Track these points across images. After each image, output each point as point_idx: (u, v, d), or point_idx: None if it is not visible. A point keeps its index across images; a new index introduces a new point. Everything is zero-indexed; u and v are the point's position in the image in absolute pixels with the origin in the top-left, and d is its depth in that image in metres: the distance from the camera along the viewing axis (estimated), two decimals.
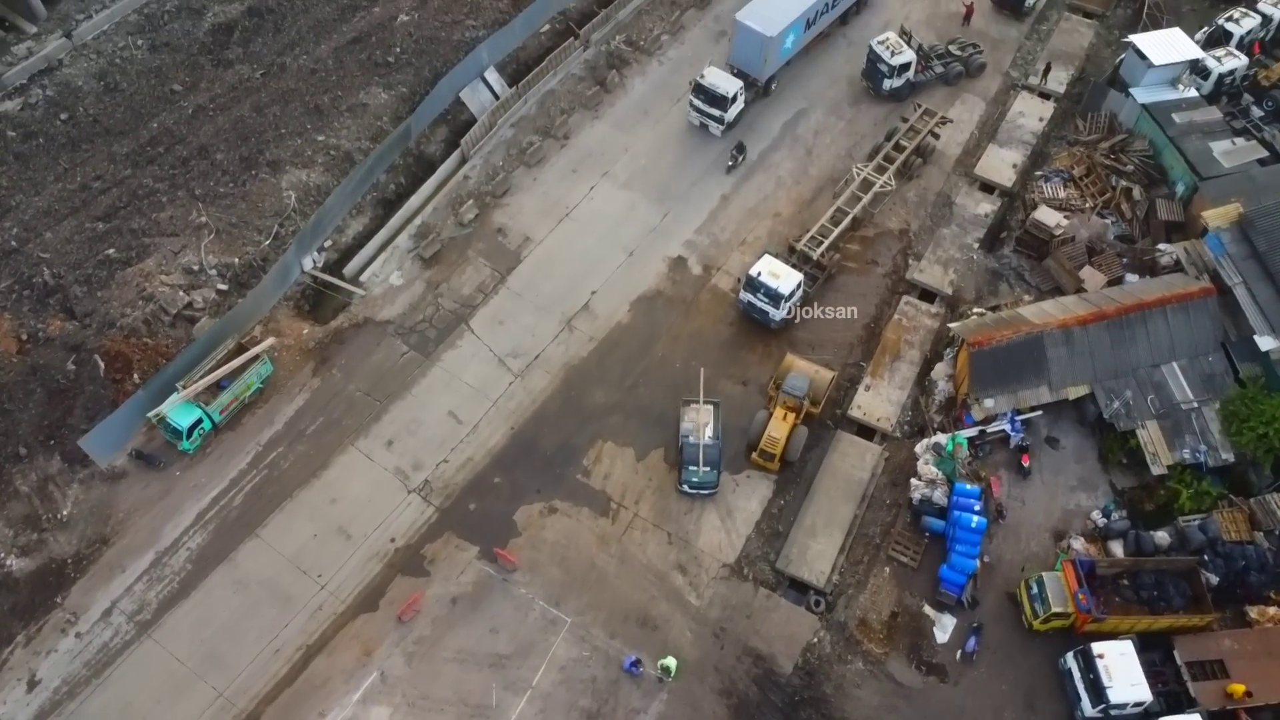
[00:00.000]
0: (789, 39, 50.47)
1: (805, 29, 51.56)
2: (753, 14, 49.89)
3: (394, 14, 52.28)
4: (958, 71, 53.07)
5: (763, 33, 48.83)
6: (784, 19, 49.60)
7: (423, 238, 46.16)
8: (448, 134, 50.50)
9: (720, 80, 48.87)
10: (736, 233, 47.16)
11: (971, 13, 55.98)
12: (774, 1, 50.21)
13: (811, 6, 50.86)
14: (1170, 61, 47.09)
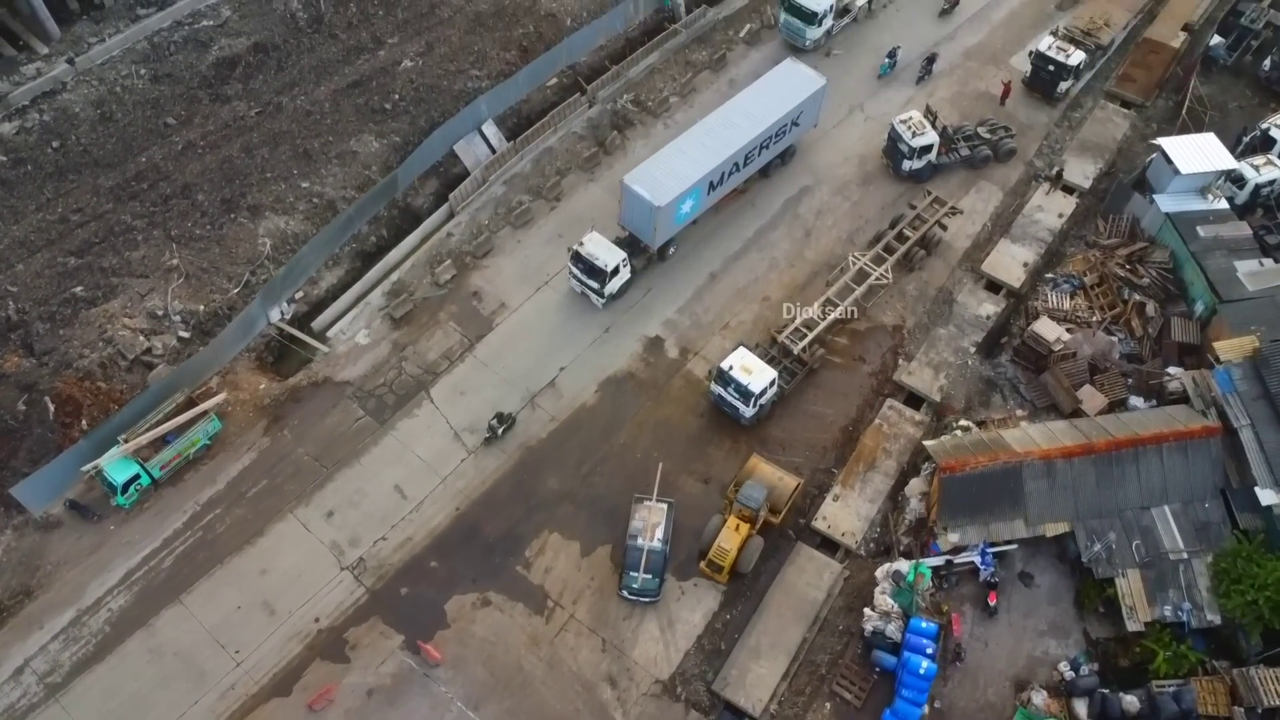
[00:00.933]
0: (686, 204, 43.85)
1: (709, 192, 45.07)
2: (643, 177, 43.17)
3: (398, 59, 51.25)
4: (985, 156, 50.27)
5: (651, 201, 42.25)
6: (678, 185, 42.96)
7: (396, 296, 44.89)
8: (438, 187, 49.27)
9: (600, 250, 42.81)
10: (720, 315, 45.05)
11: (1009, 93, 53.11)
12: (669, 163, 43.66)
13: (715, 169, 44.11)
14: (1199, 171, 43.83)
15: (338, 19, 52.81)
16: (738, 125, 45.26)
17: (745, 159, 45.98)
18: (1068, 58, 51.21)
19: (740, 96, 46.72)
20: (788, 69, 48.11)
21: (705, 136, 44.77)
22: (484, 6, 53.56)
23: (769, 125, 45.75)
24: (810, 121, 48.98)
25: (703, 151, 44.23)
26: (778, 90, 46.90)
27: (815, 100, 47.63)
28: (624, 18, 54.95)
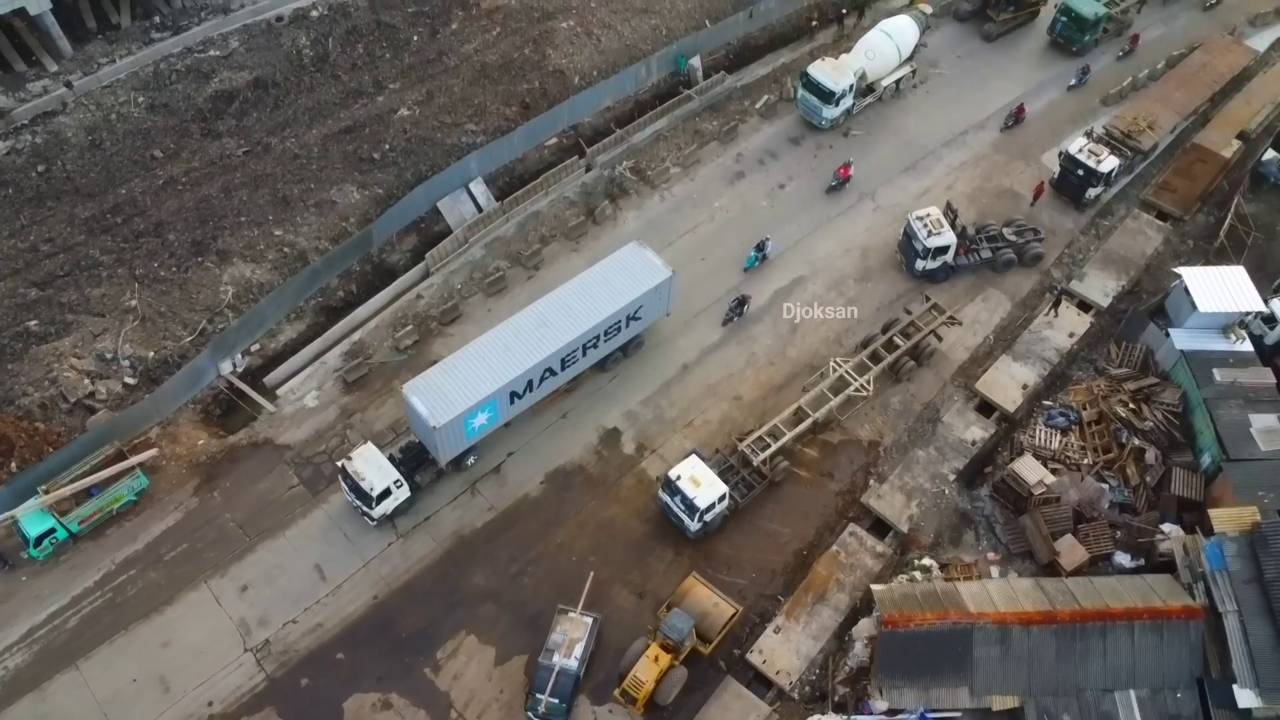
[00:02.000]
0: (479, 418, 37.70)
1: (512, 402, 38.67)
2: (425, 388, 36.82)
3: (395, 106, 49.87)
4: (1008, 260, 46.75)
5: (427, 420, 36.08)
6: (465, 400, 36.64)
7: (354, 358, 43.30)
8: (417, 244, 47.68)
9: (369, 469, 36.82)
10: (686, 411, 42.49)
11: (1041, 194, 49.53)
12: (460, 373, 37.31)
13: (519, 378, 37.82)
14: (1219, 310, 39.94)
15: (343, 59, 51.71)
16: (555, 326, 38.72)
17: (563, 363, 39.50)
18: (1099, 163, 47.53)
19: (567, 287, 40.28)
20: (630, 256, 41.12)
21: (512, 339, 38.24)
22: (492, 58, 51.93)
23: (595, 324, 39.16)
24: (658, 313, 42.16)
25: (505, 359, 37.74)
26: (612, 282, 40.18)
27: (661, 292, 40.99)
28: (635, 80, 52.84)
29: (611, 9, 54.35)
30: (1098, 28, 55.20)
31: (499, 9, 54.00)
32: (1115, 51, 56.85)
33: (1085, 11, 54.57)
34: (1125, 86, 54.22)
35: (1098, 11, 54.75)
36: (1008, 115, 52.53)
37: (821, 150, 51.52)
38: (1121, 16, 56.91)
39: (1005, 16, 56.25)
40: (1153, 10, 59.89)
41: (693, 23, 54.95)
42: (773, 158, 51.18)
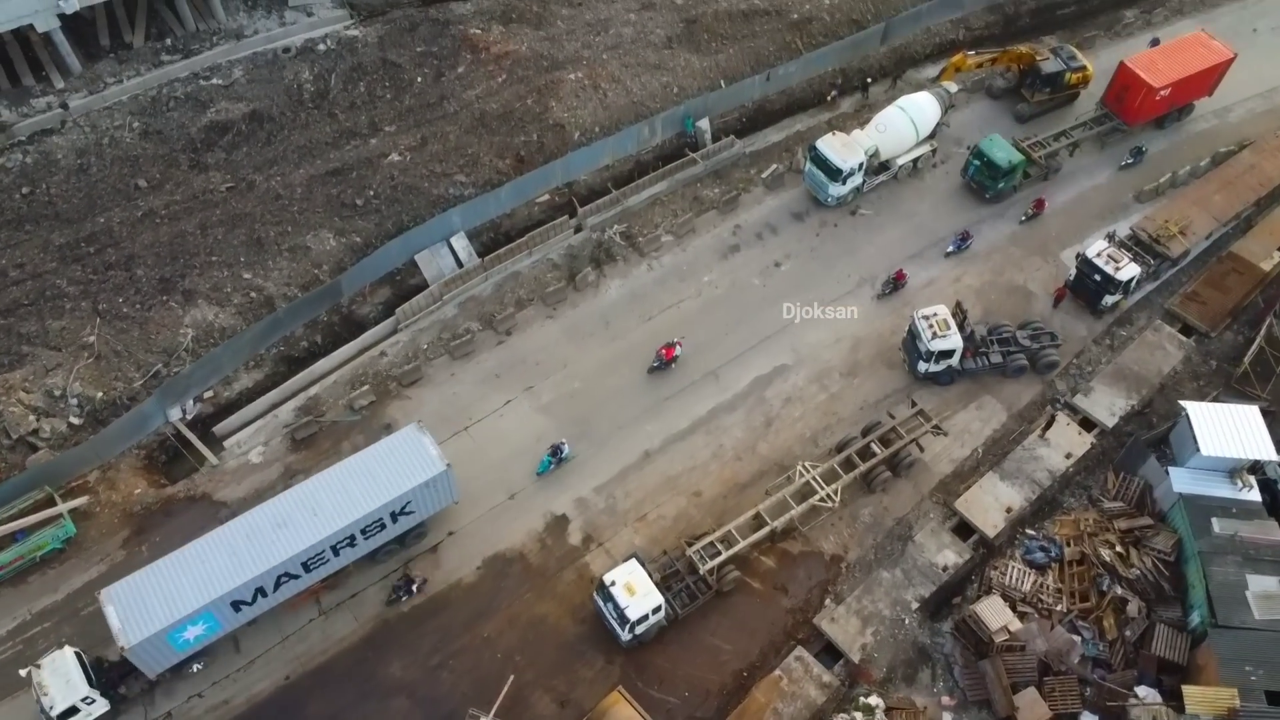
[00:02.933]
0: (192, 630, 32.86)
1: (238, 610, 33.80)
2: (122, 596, 32.54)
3: (387, 151, 48.50)
4: (1020, 367, 43.48)
5: (117, 638, 31.84)
6: (168, 615, 32.06)
7: (307, 413, 41.88)
8: (390, 296, 46.19)
9: (55, 684, 32.00)
10: (641, 504, 40.17)
11: (1063, 297, 46.18)
12: (168, 580, 32.71)
13: (245, 585, 33.01)
14: (1224, 455, 36.38)
15: (342, 97, 50.57)
16: (296, 526, 33.76)
17: (307, 566, 34.43)
18: (1117, 270, 44.09)
19: (322, 477, 35.55)
20: (404, 442, 36.47)
21: (242, 541, 33.47)
22: (493, 106, 50.31)
23: (346, 525, 34.30)
24: (436, 506, 37.17)
25: (228, 565, 32.83)
26: (377, 474, 35.29)
27: (436, 486, 36.18)
28: (637, 139, 50.76)
29: (623, 62, 52.39)
30: (1014, 175, 48.69)
31: (508, 55, 52.44)
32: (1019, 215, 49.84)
33: (997, 158, 48.06)
34: (1163, 183, 50.53)
35: (1011, 158, 48.08)
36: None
37: (825, 229, 48.86)
38: (1047, 161, 50.11)
39: (1041, 98, 52.95)
40: (1087, 157, 52.40)
41: (707, 82, 52.67)
42: (772, 232, 48.66)
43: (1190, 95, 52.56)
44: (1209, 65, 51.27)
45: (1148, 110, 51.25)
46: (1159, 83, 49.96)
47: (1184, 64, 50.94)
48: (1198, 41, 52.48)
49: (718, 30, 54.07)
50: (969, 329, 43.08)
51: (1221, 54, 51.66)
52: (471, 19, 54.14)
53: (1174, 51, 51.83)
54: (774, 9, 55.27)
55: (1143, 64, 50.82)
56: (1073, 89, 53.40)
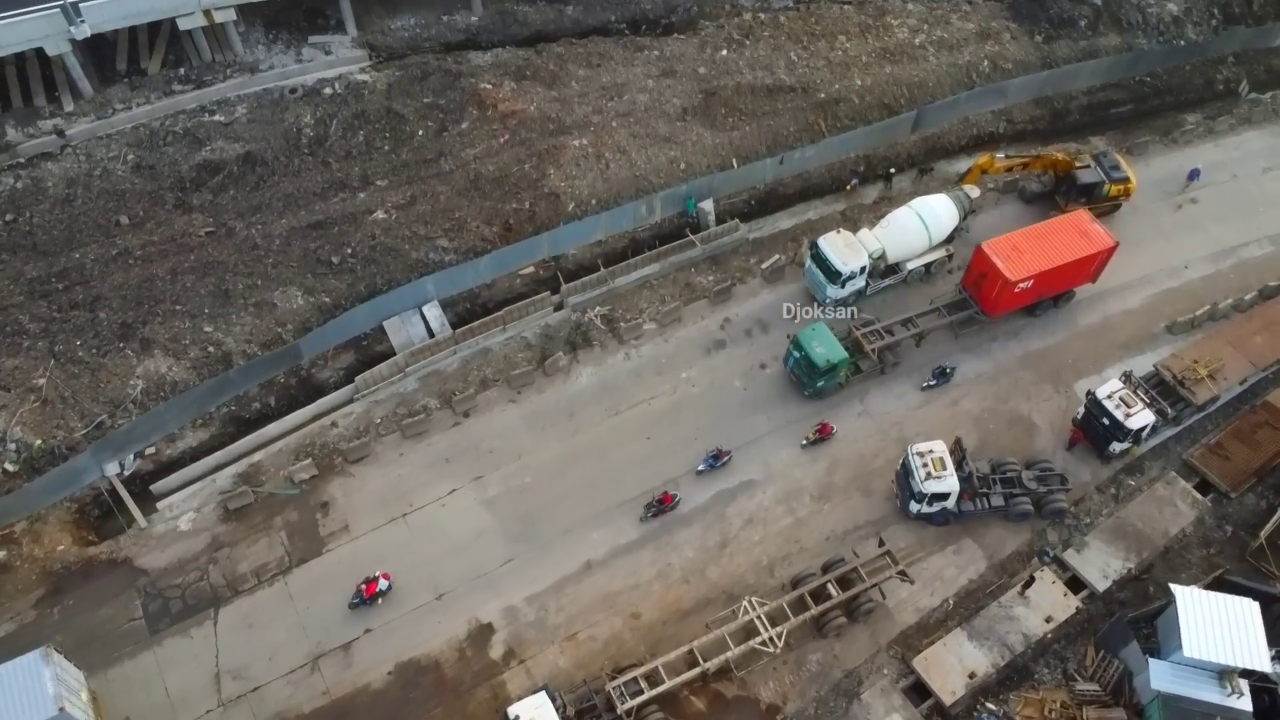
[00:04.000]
0: None
1: None
2: None
3: (373, 207, 46.89)
4: (1023, 512, 39.77)
5: None
6: None
7: (245, 481, 40.34)
8: (353, 362, 44.57)
9: None
10: (573, 620, 37.62)
11: (1079, 441, 42.26)
12: None
13: None
14: (1207, 659, 32.25)
15: (339, 145, 49.17)
16: None
17: None
18: (1128, 417, 40.06)
19: None
20: (17, 675, 31.37)
21: None
22: (489, 167, 48.37)
23: None
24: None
25: None
26: None
27: None
28: (634, 217, 48.34)
29: (632, 132, 50.00)
30: (835, 374, 41.96)
31: (515, 114, 50.46)
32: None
33: (814, 354, 41.24)
34: (1200, 315, 46.17)
35: (831, 356, 41.21)
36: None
37: None
38: (881, 356, 43.23)
39: (1074, 207, 48.89)
40: (937, 345, 45.35)
41: (717, 160, 49.98)
42: (763, 330, 45.72)
43: (1063, 285, 44.92)
44: (1083, 256, 43.28)
45: (1006, 303, 43.63)
46: (1017, 274, 42.31)
47: (1052, 253, 43.18)
48: (1075, 225, 44.29)
49: (737, 105, 51.34)
50: (967, 469, 39.39)
51: (1100, 242, 43.57)
52: (486, 72, 52.37)
53: (1044, 236, 43.86)
54: (801, 86, 52.32)
55: (1002, 250, 42.99)
56: (1113, 200, 49.24)
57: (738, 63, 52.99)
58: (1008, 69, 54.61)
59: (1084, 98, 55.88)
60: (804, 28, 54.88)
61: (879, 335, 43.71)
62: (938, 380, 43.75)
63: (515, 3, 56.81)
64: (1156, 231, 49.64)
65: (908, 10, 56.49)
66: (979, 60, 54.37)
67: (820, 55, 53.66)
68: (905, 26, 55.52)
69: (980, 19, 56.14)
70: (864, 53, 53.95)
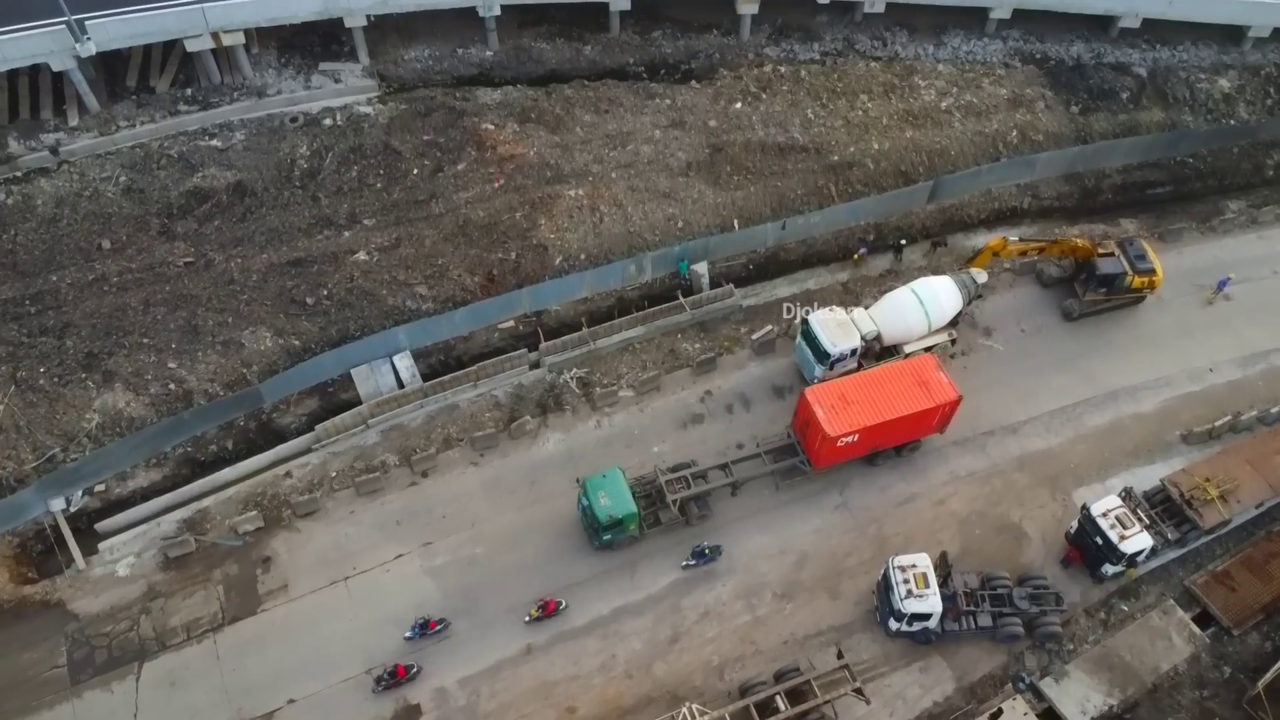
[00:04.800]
0: None
1: None
2: None
3: (356, 247, 45.66)
4: (1012, 634, 36.87)
5: None
6: None
7: (189, 529, 39.20)
8: (317, 409, 43.33)
9: None
10: (505, 710, 35.73)
11: (1075, 561, 39.25)
12: None
13: None
14: None
15: (331, 180, 48.05)
16: None
17: None
18: (1123, 539, 37.00)
19: None
20: None
21: None
22: (480, 213, 46.87)
23: None
24: None
25: None
26: None
27: None
28: (621, 275, 46.41)
29: (631, 185, 48.12)
30: (623, 529, 37.49)
31: (513, 158, 48.92)
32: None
33: (598, 509, 36.81)
34: (1220, 425, 42.75)
35: (615, 511, 36.68)
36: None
37: None
38: (684, 509, 38.97)
39: (1095, 297, 45.82)
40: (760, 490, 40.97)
41: (717, 220, 47.88)
42: (744, 407, 43.45)
43: (901, 438, 40.27)
44: (920, 410, 38.84)
45: (830, 456, 38.89)
46: (839, 429, 37.75)
47: (884, 405, 38.59)
48: (915, 374, 39.60)
49: (744, 163, 49.16)
50: (953, 587, 36.62)
51: (941, 395, 39.00)
52: (491, 111, 50.97)
53: (878, 384, 39.30)
54: (814, 146, 49.97)
55: (827, 400, 38.32)
56: (1135, 293, 45.99)
57: (751, 117, 50.83)
58: (1038, 140, 51.61)
59: (1118, 176, 52.53)
60: (825, 84, 52.50)
61: (686, 483, 39.14)
62: (698, 561, 38.35)
63: (532, 40, 55.45)
64: (1181, 328, 46.32)
65: (938, 71, 53.81)
66: (1007, 129, 51.46)
67: (839, 114, 51.25)
68: (933, 88, 52.83)
69: (1014, 85, 53.21)
70: (885, 114, 51.39)
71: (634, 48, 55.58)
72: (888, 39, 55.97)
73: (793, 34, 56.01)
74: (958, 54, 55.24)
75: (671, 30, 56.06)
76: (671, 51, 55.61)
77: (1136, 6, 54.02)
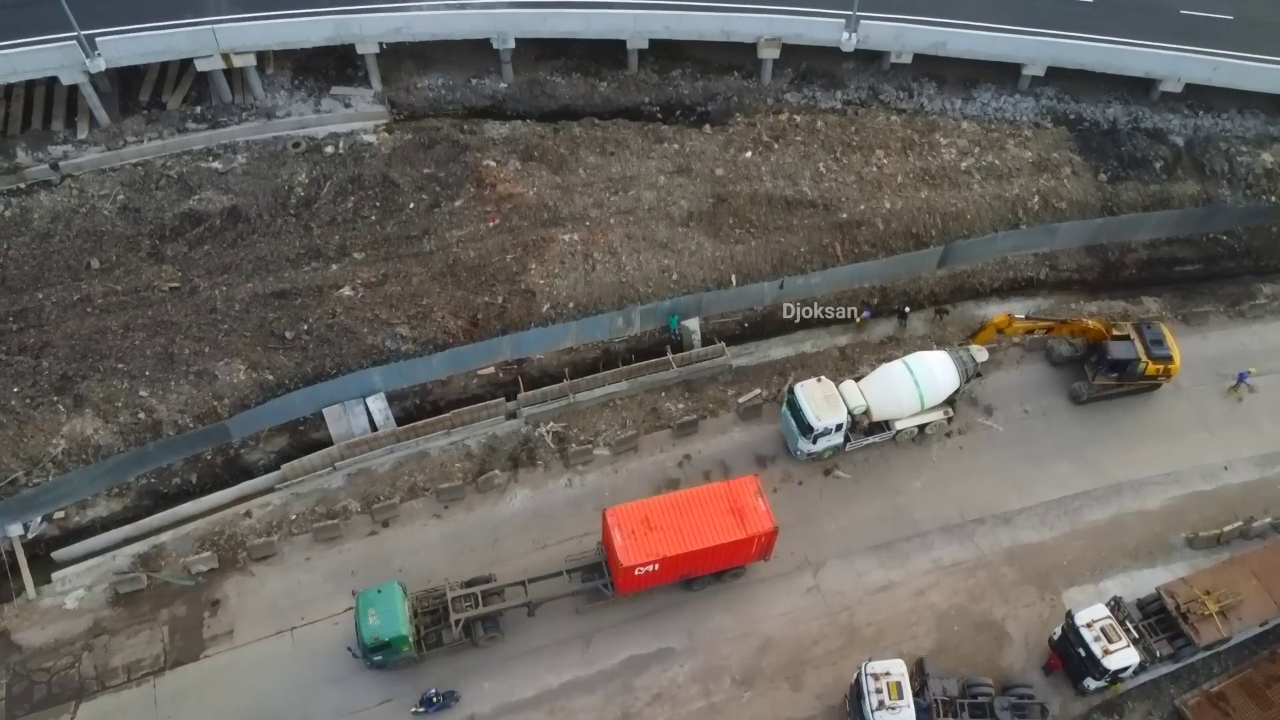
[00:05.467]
0: None
1: None
2: None
3: (342, 281, 44.89)
4: None
5: None
6: None
7: (143, 564, 38.57)
8: (286, 447, 42.56)
9: None
10: None
11: (1056, 668, 36.77)
12: None
13: None
14: None
15: (326, 210, 47.40)
16: None
17: None
18: (1107, 654, 34.51)
19: None
20: None
21: None
22: (470, 253, 45.82)
23: None
24: None
25: None
26: None
27: None
28: (608, 328, 44.97)
29: (628, 233, 46.70)
30: (393, 651, 34.29)
31: (512, 198, 47.82)
32: None
33: (364, 628, 33.94)
34: (1230, 531, 39.99)
35: (384, 634, 33.74)
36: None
37: (786, 485, 41.38)
38: (468, 632, 35.62)
39: (1105, 382, 43.26)
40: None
41: (715, 274, 46.20)
42: (723, 474, 41.53)
43: (714, 566, 36.83)
44: (731, 541, 35.41)
45: (631, 583, 35.69)
46: (635, 558, 34.57)
47: (691, 534, 35.28)
48: (730, 500, 36.13)
49: (747, 216, 47.45)
50: (929, 698, 34.26)
51: (756, 525, 35.56)
52: (495, 146, 50.02)
53: (687, 509, 35.91)
54: (823, 202, 48.08)
55: (627, 524, 35.15)
56: (1149, 380, 43.35)
57: (760, 167, 49.16)
58: (1061, 208, 49.12)
59: (1145, 251, 49.83)
60: (841, 136, 50.62)
61: (476, 601, 35.45)
62: (426, 709, 34.94)
63: (548, 73, 54.47)
64: (1198, 420, 43.56)
65: (961, 129, 51.60)
66: (1029, 195, 49.07)
67: (851, 170, 49.33)
68: (954, 147, 50.64)
69: (1041, 147, 50.80)
70: (901, 172, 49.34)
71: (651, 86, 54.37)
72: (915, 90, 53.93)
73: (816, 80, 54.24)
74: (986, 110, 53.03)
75: (691, 70, 54.71)
76: (689, 92, 54.29)
77: (1179, 70, 51.27)
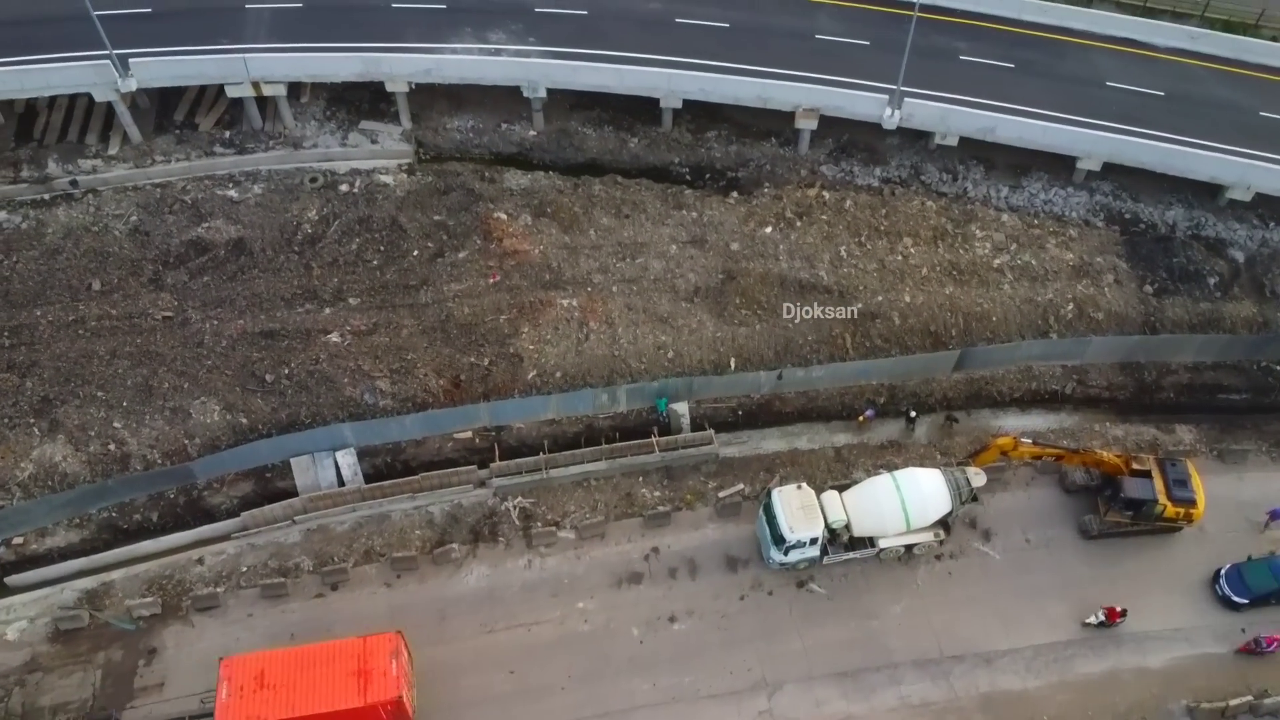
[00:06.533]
0: None
1: None
2: None
3: (331, 327, 44.11)
4: None
5: None
6: None
7: (89, 601, 38.16)
8: (251, 493, 41.88)
9: None
10: None
11: None
12: None
13: None
14: None
15: (328, 251, 46.80)
16: None
17: None
18: None
19: None
20: None
21: None
22: (464, 310, 44.65)
23: None
24: None
25: None
26: None
27: None
28: (592, 404, 43.22)
29: (629, 303, 44.94)
30: None
31: (517, 254, 46.57)
32: None
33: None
34: (1237, 705, 36.17)
35: None
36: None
37: (755, 593, 38.99)
38: None
39: (1117, 519, 39.75)
40: None
41: (713, 356, 44.05)
42: (690, 574, 39.47)
43: None
44: (348, 708, 32.50)
45: None
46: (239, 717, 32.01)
47: (303, 696, 32.50)
48: (361, 659, 33.44)
49: (755, 296, 45.19)
50: None
51: (380, 692, 32.62)
52: (511, 197, 48.94)
53: (308, 666, 33.30)
54: (839, 289, 45.52)
55: (240, 676, 32.91)
56: (1168, 523, 39.67)
57: (778, 246, 46.96)
58: (1097, 319, 45.60)
59: (1185, 374, 45.97)
60: (869, 219, 48.09)
61: None
62: None
63: (580, 124, 53.23)
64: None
65: (1000, 221, 48.56)
66: (1064, 301, 45.71)
67: (874, 256, 46.74)
68: (990, 241, 47.64)
69: (1083, 250, 47.40)
70: (927, 264, 46.56)
71: (683, 146, 52.78)
72: (960, 173, 51.09)
73: (855, 154, 51.81)
74: (1034, 201, 49.88)
75: (726, 133, 52.90)
76: (721, 156, 52.51)
77: (1249, 179, 47.43)
